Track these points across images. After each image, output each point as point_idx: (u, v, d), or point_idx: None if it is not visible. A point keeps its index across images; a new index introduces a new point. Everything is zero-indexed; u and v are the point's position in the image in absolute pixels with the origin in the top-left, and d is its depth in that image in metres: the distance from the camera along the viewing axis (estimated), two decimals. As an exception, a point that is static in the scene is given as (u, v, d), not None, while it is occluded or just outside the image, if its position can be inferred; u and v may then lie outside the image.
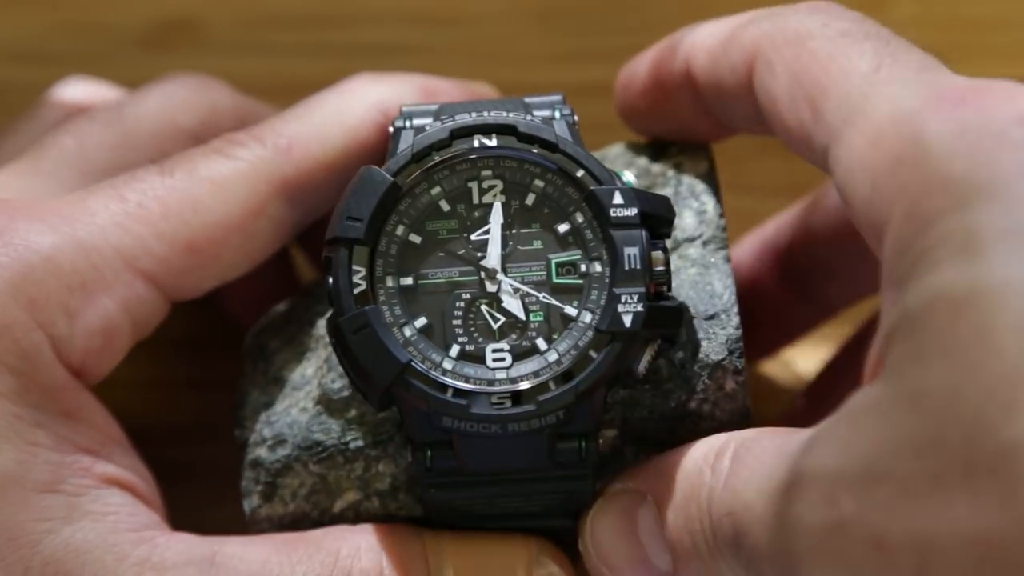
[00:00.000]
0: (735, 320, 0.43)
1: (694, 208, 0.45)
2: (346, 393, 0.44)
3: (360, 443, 0.43)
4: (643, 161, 0.47)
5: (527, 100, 0.44)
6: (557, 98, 0.44)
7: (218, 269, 0.44)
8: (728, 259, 0.44)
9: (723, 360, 0.43)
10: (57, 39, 0.61)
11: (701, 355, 0.43)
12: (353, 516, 0.44)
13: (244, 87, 0.53)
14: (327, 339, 0.45)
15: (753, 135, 0.45)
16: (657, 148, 0.47)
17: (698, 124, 0.46)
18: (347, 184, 0.42)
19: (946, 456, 0.33)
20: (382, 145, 0.45)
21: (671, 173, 0.46)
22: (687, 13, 0.61)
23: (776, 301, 0.53)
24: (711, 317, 0.43)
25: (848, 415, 0.35)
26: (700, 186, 0.46)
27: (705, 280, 0.44)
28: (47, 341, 0.42)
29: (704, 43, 0.44)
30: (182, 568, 0.41)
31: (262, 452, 0.44)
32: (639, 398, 0.43)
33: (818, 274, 0.52)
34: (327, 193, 0.44)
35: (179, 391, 0.54)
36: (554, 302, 0.42)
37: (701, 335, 0.43)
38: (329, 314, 0.42)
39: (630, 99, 0.47)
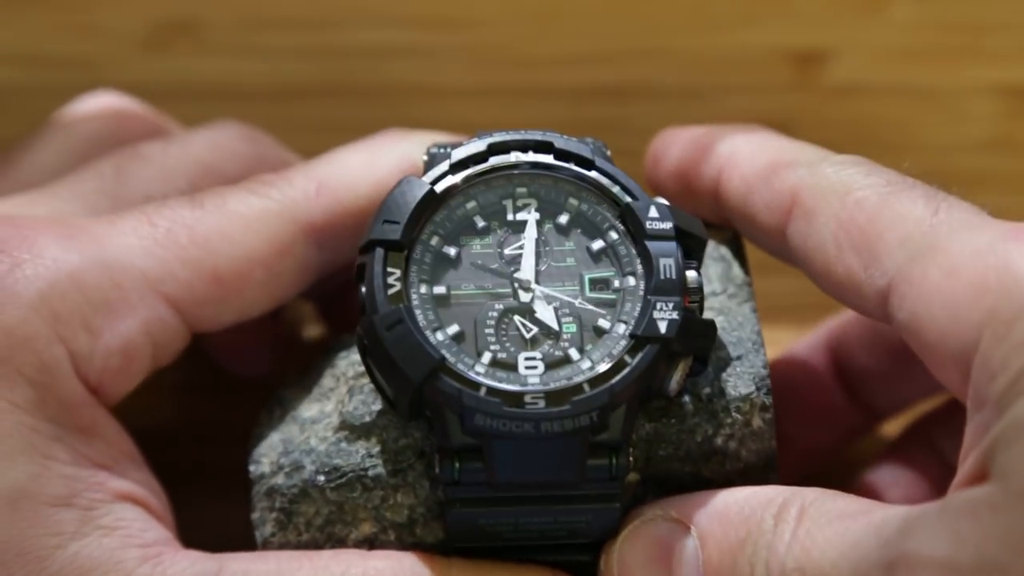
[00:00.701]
0: (762, 359, 0.43)
1: (720, 267, 0.46)
2: (368, 419, 0.43)
3: (380, 470, 0.43)
4: None
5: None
6: (589, 138, 0.44)
7: (240, 303, 0.44)
8: (755, 309, 0.45)
9: (751, 394, 0.43)
10: (58, 41, 0.61)
11: (728, 390, 0.43)
12: (368, 550, 0.43)
13: (244, 89, 0.53)
14: (348, 375, 0.45)
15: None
16: None
17: (721, 222, 0.47)
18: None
19: None
20: None
21: None
22: (686, 16, 0.62)
23: (829, 402, 0.53)
24: (738, 358, 0.43)
25: (956, 508, 0.36)
26: (725, 249, 0.46)
27: (732, 326, 0.44)
28: (67, 356, 0.42)
29: (740, 166, 0.45)
30: None
31: (279, 479, 0.44)
32: (664, 433, 0.43)
33: (875, 379, 0.52)
34: (351, 240, 0.44)
35: (181, 394, 0.54)
36: (588, 310, 0.42)
37: (728, 373, 0.43)
38: (361, 320, 0.41)
39: (658, 179, 0.48)
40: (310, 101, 0.61)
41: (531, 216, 0.43)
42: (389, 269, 0.41)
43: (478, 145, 0.43)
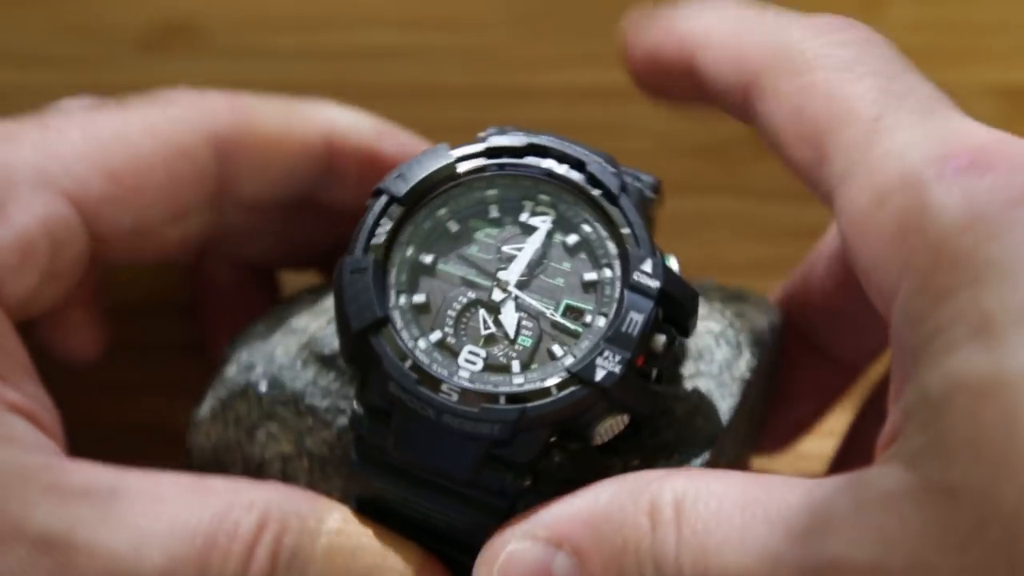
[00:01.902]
0: (705, 460, 0.42)
1: (729, 353, 0.44)
2: (327, 352, 0.44)
3: (316, 402, 0.44)
4: (717, 304, 0.46)
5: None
6: (648, 178, 0.44)
7: (140, 203, 0.45)
8: (735, 410, 0.43)
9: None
10: (56, 42, 0.61)
11: (660, 465, 0.42)
12: (279, 470, 0.44)
13: (244, 89, 0.53)
14: None
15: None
16: (733, 294, 0.47)
17: (702, 104, 0.45)
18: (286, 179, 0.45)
19: (990, 552, 0.33)
20: (320, 169, 0.48)
21: (729, 315, 0.45)
22: (686, 16, 0.62)
23: (796, 365, 0.51)
24: (680, 451, 0.42)
25: (875, 501, 0.35)
26: (744, 337, 0.45)
27: (700, 413, 0.43)
28: None
29: (707, 39, 0.44)
30: (86, 493, 0.40)
31: (231, 371, 0.45)
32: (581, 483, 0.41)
33: (822, 326, 0.50)
34: (264, 175, 0.45)
35: (113, 394, 0.55)
36: (549, 333, 0.42)
37: (660, 460, 0.42)
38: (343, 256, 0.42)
39: (631, 68, 0.46)
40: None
41: (544, 225, 0.43)
42: (383, 220, 0.42)
43: (519, 139, 0.43)
